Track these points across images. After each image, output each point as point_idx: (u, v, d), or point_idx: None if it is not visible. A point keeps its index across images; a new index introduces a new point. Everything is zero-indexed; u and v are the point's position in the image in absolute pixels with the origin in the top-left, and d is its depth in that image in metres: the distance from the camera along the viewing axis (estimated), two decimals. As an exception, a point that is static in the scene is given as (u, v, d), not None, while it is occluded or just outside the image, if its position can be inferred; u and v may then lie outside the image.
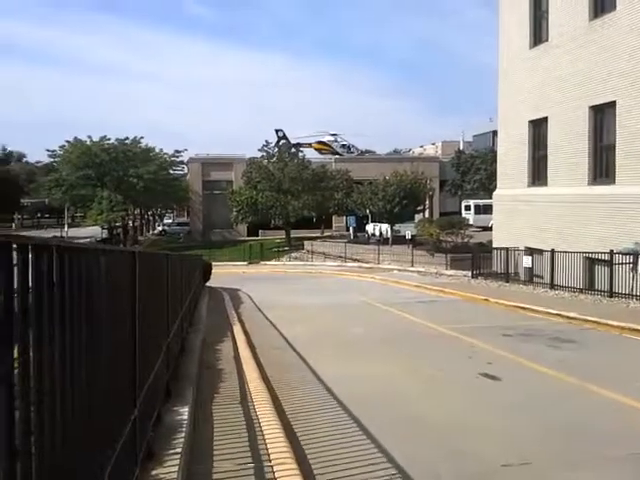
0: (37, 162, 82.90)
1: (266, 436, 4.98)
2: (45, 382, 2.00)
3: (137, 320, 4.15)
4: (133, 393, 3.92)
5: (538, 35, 21.15)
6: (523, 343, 10.16)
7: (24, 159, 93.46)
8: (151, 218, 74.73)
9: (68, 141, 52.54)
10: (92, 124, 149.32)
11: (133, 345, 4.04)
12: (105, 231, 54.58)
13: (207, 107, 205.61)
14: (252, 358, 8.41)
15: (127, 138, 53.41)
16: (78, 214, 74.41)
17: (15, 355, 1.75)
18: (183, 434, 4.63)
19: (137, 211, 62.06)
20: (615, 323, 11.31)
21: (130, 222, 59.30)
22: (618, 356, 9.36)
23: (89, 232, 58.71)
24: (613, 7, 17.09)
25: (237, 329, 11.21)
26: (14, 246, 1.80)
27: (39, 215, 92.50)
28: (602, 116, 17.93)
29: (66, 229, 51.05)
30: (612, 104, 17.06)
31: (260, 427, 5.24)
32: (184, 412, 5.18)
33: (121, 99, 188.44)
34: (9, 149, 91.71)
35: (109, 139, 52.63)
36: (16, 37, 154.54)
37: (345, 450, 4.89)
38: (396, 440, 5.26)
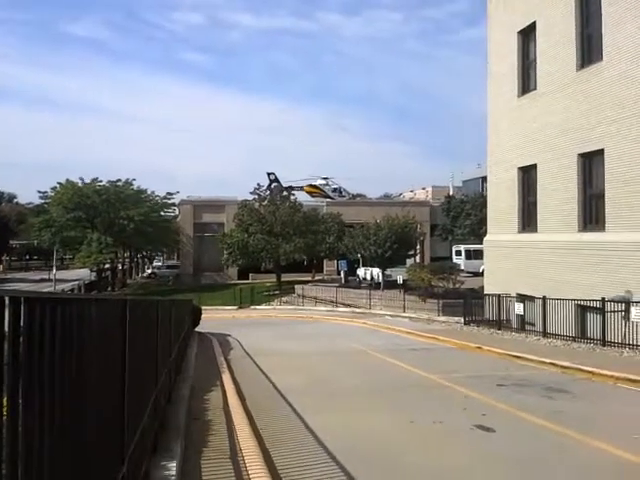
0: (28, 203, 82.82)
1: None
2: (33, 438, 1.93)
3: (126, 371, 4.04)
4: (121, 449, 3.79)
5: (527, 83, 21.61)
6: (517, 394, 9.99)
7: (15, 200, 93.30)
8: (141, 260, 74.37)
9: (60, 182, 52.65)
10: (84, 166, 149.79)
11: (122, 398, 3.93)
12: (94, 274, 54.15)
13: (199, 150, 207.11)
14: (242, 409, 8.21)
15: (119, 180, 53.64)
16: (67, 256, 73.99)
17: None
18: (171, 492, 4.46)
19: (127, 253, 61.79)
20: (609, 373, 11.18)
21: (119, 264, 58.93)
22: (614, 407, 9.22)
23: (77, 274, 58.21)
24: (600, 58, 17.52)
25: (226, 377, 10.99)
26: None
27: (27, 257, 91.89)
28: (591, 164, 18.14)
29: (54, 271, 50.48)
30: (600, 152, 17.29)
31: (251, 484, 5.06)
32: (172, 467, 5.01)
33: (114, 141, 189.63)
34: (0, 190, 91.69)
35: (101, 181, 52.84)
36: (8, 79, 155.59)
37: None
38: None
